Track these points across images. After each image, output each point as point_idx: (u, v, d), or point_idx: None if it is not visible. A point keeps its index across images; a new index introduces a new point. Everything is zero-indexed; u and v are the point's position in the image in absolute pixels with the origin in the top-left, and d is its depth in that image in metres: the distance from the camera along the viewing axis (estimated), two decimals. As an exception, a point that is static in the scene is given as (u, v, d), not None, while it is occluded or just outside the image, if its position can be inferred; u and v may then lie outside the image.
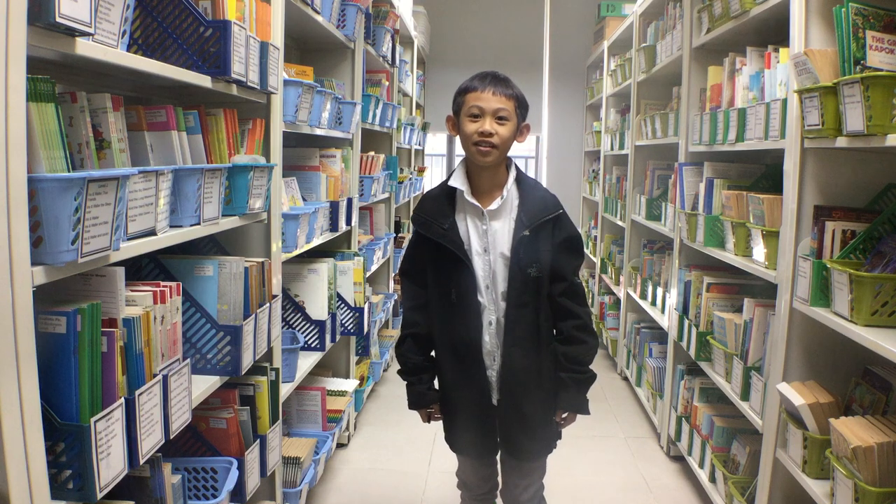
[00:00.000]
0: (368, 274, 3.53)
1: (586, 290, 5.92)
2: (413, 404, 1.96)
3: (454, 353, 1.86)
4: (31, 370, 1.01)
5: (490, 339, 1.85)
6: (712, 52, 2.88)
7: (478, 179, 1.83)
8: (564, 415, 1.90)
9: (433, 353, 1.95)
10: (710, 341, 2.61)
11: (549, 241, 1.81)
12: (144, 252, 1.36)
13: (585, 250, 5.93)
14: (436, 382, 1.97)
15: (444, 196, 1.85)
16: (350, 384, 3.15)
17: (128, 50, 1.31)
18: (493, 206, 1.81)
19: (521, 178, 1.85)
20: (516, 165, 1.87)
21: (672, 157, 3.35)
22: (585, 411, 1.88)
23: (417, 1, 5.63)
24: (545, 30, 6.44)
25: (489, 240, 1.81)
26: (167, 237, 1.45)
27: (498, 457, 2.01)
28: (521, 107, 1.81)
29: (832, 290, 1.75)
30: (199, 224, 1.58)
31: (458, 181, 1.82)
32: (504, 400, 1.87)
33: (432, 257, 1.85)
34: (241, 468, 1.84)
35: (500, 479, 2.06)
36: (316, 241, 2.60)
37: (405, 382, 1.96)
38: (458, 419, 1.93)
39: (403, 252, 1.99)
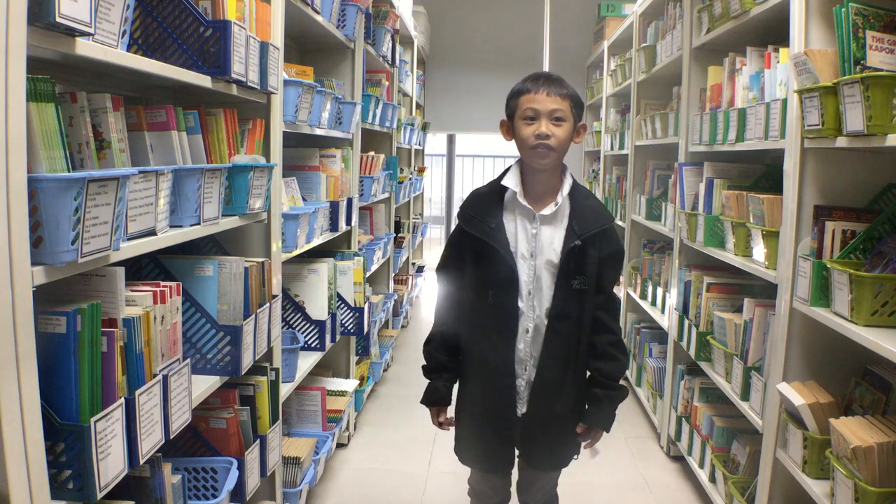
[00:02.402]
0: (368, 274, 3.53)
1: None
2: (426, 400, 1.90)
3: (483, 358, 1.80)
4: (31, 370, 1.01)
5: (525, 347, 1.79)
6: (712, 52, 2.88)
7: (532, 182, 1.78)
8: (585, 428, 1.85)
9: (459, 356, 1.89)
10: (710, 341, 2.61)
11: (596, 253, 1.76)
12: (144, 252, 1.36)
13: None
14: (455, 386, 1.91)
15: (494, 195, 1.80)
16: (350, 384, 3.15)
17: (128, 50, 1.31)
18: (547, 211, 1.76)
19: (576, 186, 1.81)
20: (570, 173, 1.83)
21: (672, 157, 3.35)
22: (608, 428, 1.85)
23: (417, 1, 5.64)
24: (545, 30, 6.44)
25: (537, 245, 1.76)
26: (167, 237, 1.45)
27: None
28: (577, 106, 1.76)
29: (832, 290, 1.75)
30: (199, 224, 1.58)
31: (511, 182, 1.77)
32: (532, 411, 1.81)
33: (473, 256, 1.79)
34: (241, 468, 1.84)
35: (512, 489, 2.02)
36: (316, 241, 2.60)
37: (427, 380, 1.90)
38: (475, 429, 1.87)
39: (443, 249, 1.92)
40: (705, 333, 2.68)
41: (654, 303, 3.69)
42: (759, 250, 2.19)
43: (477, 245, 1.77)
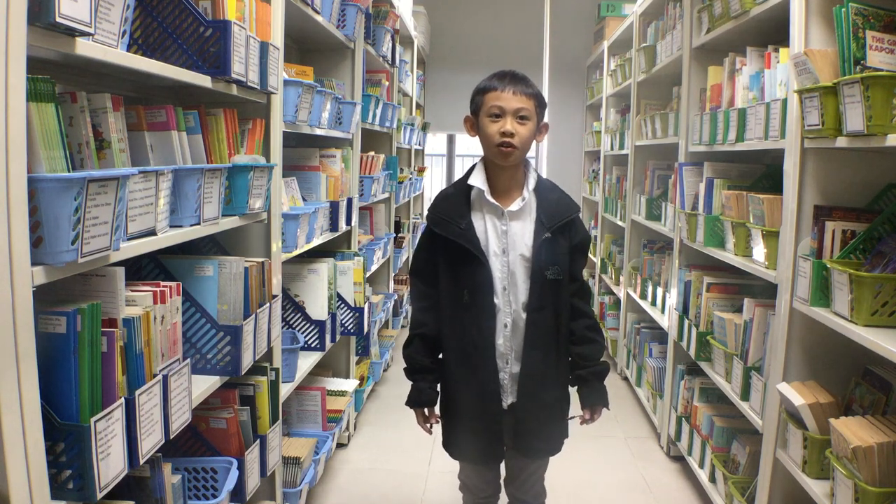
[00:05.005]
0: (368, 274, 3.53)
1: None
2: (411, 401, 1.94)
3: (464, 355, 1.83)
4: (31, 370, 1.01)
5: (504, 341, 1.82)
6: (712, 52, 2.88)
7: (497, 179, 1.82)
8: (588, 411, 1.90)
9: (440, 356, 1.92)
10: (710, 341, 2.61)
11: (566, 243, 1.81)
12: (144, 252, 1.36)
13: (586, 250, 5.93)
14: (439, 386, 1.94)
15: (461, 195, 1.83)
16: (350, 384, 3.15)
17: (128, 50, 1.31)
18: (514, 206, 1.79)
19: (540, 180, 1.85)
20: (534, 167, 1.87)
21: (672, 157, 3.35)
22: (607, 404, 1.90)
23: (417, 1, 5.63)
24: (545, 30, 6.44)
25: (508, 241, 1.79)
26: (167, 237, 1.45)
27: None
28: (541, 105, 1.80)
29: (832, 290, 1.75)
30: (199, 224, 1.58)
31: (477, 180, 1.80)
32: (520, 402, 1.84)
33: (446, 257, 1.82)
34: (241, 468, 1.84)
35: (502, 480, 2.05)
36: (316, 241, 2.60)
37: (410, 381, 1.94)
38: (463, 424, 1.90)
39: (414, 251, 1.96)
40: (705, 333, 2.68)
41: (654, 303, 3.69)
42: (759, 250, 2.19)
43: (449, 246, 1.80)
